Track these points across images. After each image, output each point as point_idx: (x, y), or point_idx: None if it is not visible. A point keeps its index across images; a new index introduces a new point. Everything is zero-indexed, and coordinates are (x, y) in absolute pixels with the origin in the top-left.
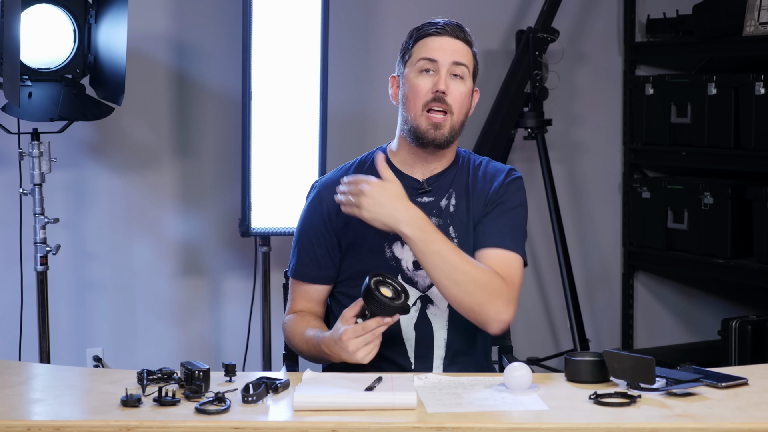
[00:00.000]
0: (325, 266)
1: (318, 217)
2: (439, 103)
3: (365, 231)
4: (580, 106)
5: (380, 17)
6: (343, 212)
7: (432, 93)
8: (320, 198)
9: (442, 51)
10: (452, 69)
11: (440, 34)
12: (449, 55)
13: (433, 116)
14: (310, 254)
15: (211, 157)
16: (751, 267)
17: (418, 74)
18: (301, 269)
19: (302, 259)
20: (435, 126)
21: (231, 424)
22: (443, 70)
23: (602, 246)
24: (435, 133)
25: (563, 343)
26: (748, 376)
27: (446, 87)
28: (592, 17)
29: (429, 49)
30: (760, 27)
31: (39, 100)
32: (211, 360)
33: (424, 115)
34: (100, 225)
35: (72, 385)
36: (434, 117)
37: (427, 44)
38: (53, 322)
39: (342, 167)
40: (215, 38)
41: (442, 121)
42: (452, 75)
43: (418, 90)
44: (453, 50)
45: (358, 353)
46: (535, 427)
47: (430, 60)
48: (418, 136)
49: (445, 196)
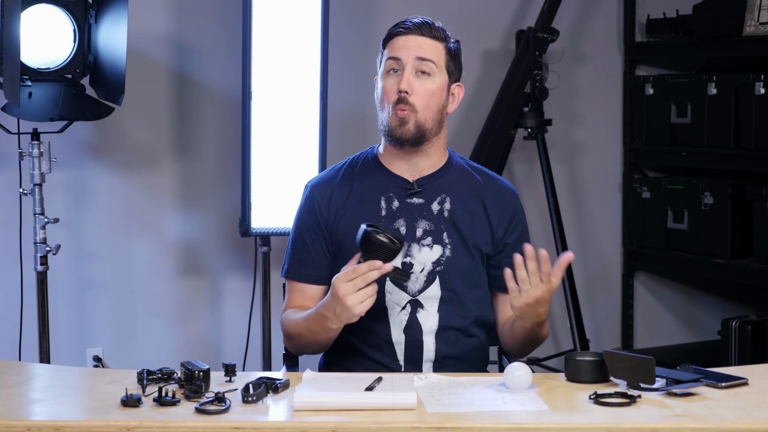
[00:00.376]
0: (321, 266)
1: (311, 217)
2: (402, 104)
3: (354, 230)
4: (580, 106)
5: (380, 17)
6: (334, 212)
7: (396, 93)
8: (312, 197)
9: (405, 49)
10: (417, 66)
11: (405, 33)
12: (412, 51)
13: (398, 112)
14: (305, 254)
15: (211, 157)
16: (751, 267)
17: (386, 75)
18: (297, 270)
19: (298, 259)
20: (401, 122)
21: (231, 424)
22: (407, 68)
23: (602, 246)
24: (401, 129)
25: (563, 343)
26: (748, 376)
27: (409, 85)
28: (592, 17)
29: (394, 48)
30: (760, 27)
31: (39, 100)
32: (211, 360)
33: (392, 114)
34: (100, 225)
35: (72, 385)
36: (399, 112)
37: (393, 44)
38: (53, 322)
39: (333, 167)
40: (215, 38)
41: (406, 115)
42: (419, 72)
43: (385, 90)
44: (417, 47)
45: (348, 298)
46: (535, 427)
47: (394, 59)
48: (389, 133)
49: (437, 199)
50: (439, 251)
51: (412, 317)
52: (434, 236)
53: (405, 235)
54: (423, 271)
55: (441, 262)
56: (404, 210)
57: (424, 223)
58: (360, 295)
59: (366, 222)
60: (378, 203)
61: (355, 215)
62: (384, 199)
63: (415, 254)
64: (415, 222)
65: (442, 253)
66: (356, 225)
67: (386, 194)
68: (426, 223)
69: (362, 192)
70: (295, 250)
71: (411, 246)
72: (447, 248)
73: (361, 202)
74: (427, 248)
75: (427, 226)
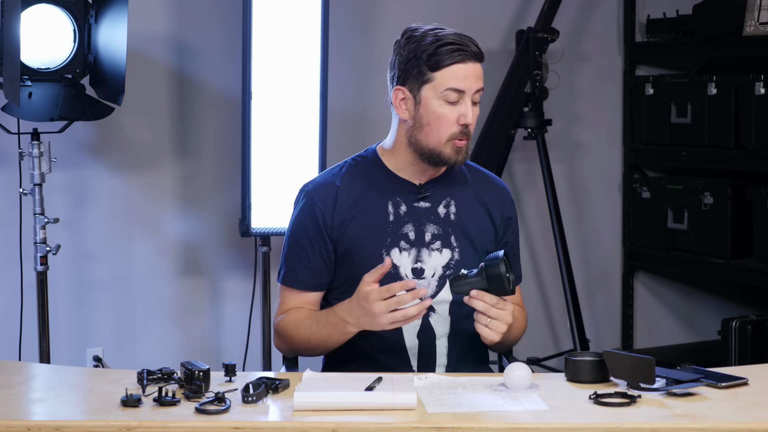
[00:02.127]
0: (320, 273)
1: (311, 223)
2: (464, 135)
3: (362, 236)
4: (580, 106)
5: (380, 17)
6: (340, 218)
7: (458, 125)
8: (313, 202)
9: (469, 80)
10: (475, 97)
11: (465, 60)
12: (474, 83)
13: (457, 143)
14: (304, 261)
15: (211, 157)
16: (751, 267)
17: (442, 103)
18: (295, 276)
19: (295, 266)
20: (458, 152)
21: (231, 424)
22: (468, 100)
23: (602, 246)
24: (458, 157)
25: (563, 343)
26: (748, 376)
27: (474, 119)
28: (592, 17)
29: (456, 78)
30: (760, 27)
31: (39, 100)
32: (211, 360)
33: (449, 144)
34: (100, 225)
35: (72, 385)
36: (458, 144)
37: (454, 72)
38: (53, 322)
39: (331, 170)
40: (215, 38)
41: (463, 146)
42: (472, 101)
43: (444, 120)
44: (476, 76)
45: (382, 317)
46: (535, 427)
47: (458, 91)
48: (440, 161)
49: (442, 203)
50: (448, 255)
51: (425, 322)
52: (443, 240)
53: (414, 241)
54: (434, 276)
55: (450, 266)
56: (412, 214)
57: (432, 227)
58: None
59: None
60: (386, 208)
61: (363, 221)
62: (391, 203)
63: (425, 259)
64: (424, 226)
65: (451, 256)
66: (364, 231)
67: (393, 199)
68: (434, 227)
69: (369, 196)
70: (293, 255)
71: (421, 251)
72: (455, 251)
73: (367, 207)
74: (436, 252)
75: (435, 230)
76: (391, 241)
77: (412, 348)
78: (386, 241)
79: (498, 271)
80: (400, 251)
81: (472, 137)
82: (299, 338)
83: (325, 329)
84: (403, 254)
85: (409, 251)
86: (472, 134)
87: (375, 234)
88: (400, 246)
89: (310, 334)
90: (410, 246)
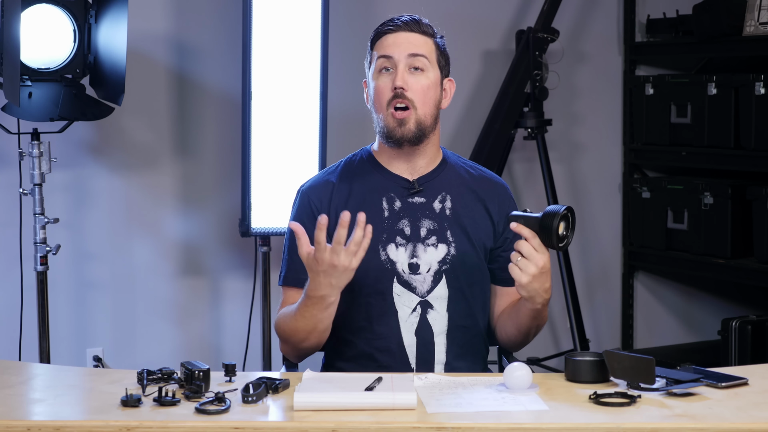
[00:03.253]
0: None
1: (309, 220)
2: (400, 99)
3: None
4: (580, 106)
5: (380, 17)
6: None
7: (392, 91)
8: (309, 200)
9: (396, 46)
10: (410, 62)
11: (394, 31)
12: (404, 48)
13: (396, 113)
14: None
15: (211, 157)
16: (751, 267)
17: (378, 74)
18: (296, 276)
19: (296, 265)
20: (400, 123)
21: (231, 424)
22: (400, 65)
23: (602, 246)
24: (402, 129)
25: (563, 343)
26: (748, 376)
27: (404, 82)
28: (592, 17)
29: (384, 47)
30: (760, 27)
31: (39, 100)
32: (211, 360)
33: (389, 114)
34: (100, 225)
35: (72, 385)
36: (398, 114)
37: (382, 42)
38: (53, 322)
39: (326, 170)
40: (215, 38)
41: (405, 116)
42: (412, 68)
43: (379, 90)
44: (408, 43)
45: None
46: (535, 427)
47: (386, 57)
48: (388, 135)
49: (437, 198)
50: (444, 250)
51: (423, 319)
52: (438, 235)
53: (410, 236)
54: (429, 272)
55: (447, 261)
56: (407, 210)
57: (427, 222)
58: (349, 249)
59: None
60: (380, 204)
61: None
62: (385, 199)
63: (420, 254)
64: (419, 222)
65: (447, 251)
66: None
67: (387, 195)
68: (429, 222)
69: (363, 193)
70: (293, 255)
71: (416, 246)
72: (451, 246)
73: (362, 203)
74: (432, 248)
75: (430, 225)
76: (387, 237)
77: (410, 345)
78: (382, 237)
79: (549, 223)
80: (396, 247)
81: (473, 138)
82: (290, 331)
83: (307, 312)
84: (399, 250)
85: (405, 246)
86: (420, 106)
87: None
88: (396, 241)
89: (296, 322)
90: (406, 241)
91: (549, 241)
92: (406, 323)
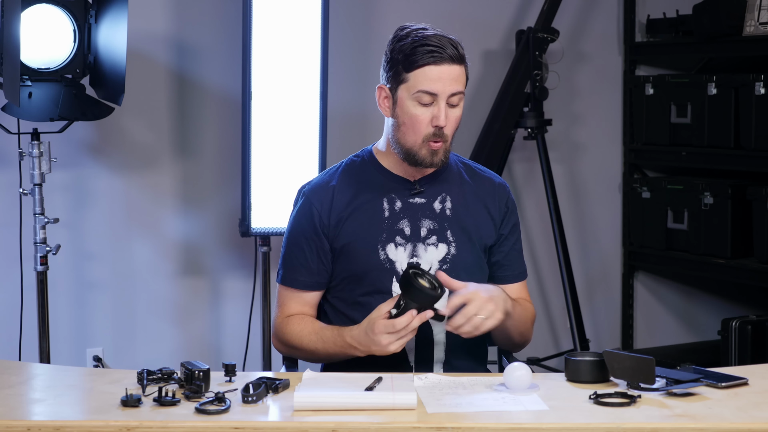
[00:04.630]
0: (318, 272)
1: (308, 223)
2: (438, 137)
3: (358, 233)
4: (580, 106)
5: (380, 17)
6: (336, 216)
7: (432, 126)
8: (310, 203)
9: (442, 83)
10: (450, 100)
11: (438, 62)
12: (449, 86)
13: (432, 145)
14: (302, 261)
15: (211, 157)
16: (751, 267)
17: (416, 104)
18: (293, 276)
19: (293, 266)
20: (433, 154)
21: (231, 424)
22: (442, 102)
23: (602, 246)
24: (433, 159)
25: (563, 343)
26: (748, 376)
27: (446, 121)
28: (592, 17)
29: (428, 81)
30: (760, 27)
31: (39, 100)
32: (211, 360)
33: (425, 145)
34: (100, 225)
35: (72, 385)
36: (434, 146)
37: (426, 74)
38: (53, 322)
39: (328, 171)
40: (215, 38)
41: (439, 148)
42: (449, 104)
43: (417, 122)
44: (452, 79)
45: (390, 346)
46: (535, 427)
47: (429, 93)
48: (417, 161)
49: (438, 198)
50: (444, 250)
51: None
52: (438, 235)
53: (410, 236)
54: (430, 270)
55: (447, 261)
56: (407, 210)
57: (427, 222)
58: (401, 341)
59: (408, 263)
60: (381, 204)
61: (359, 218)
62: (386, 200)
63: (420, 254)
64: (419, 222)
65: (447, 251)
66: (360, 228)
67: (388, 195)
68: (430, 222)
69: (364, 194)
70: (291, 256)
71: (417, 246)
72: (452, 246)
73: (363, 204)
74: (432, 247)
75: (431, 225)
76: (386, 237)
77: (410, 343)
78: (382, 237)
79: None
80: (396, 246)
81: (473, 138)
82: (303, 350)
83: (331, 349)
84: (399, 250)
85: (405, 246)
86: (450, 137)
87: (371, 230)
88: (395, 241)
89: (314, 349)
90: (406, 241)
91: (428, 295)
92: None
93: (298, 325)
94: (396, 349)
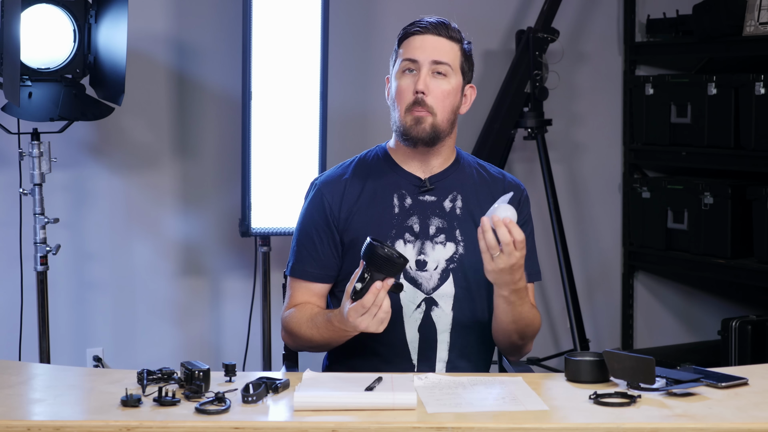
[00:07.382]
0: (328, 265)
1: (320, 215)
2: (419, 105)
3: (367, 228)
4: (580, 106)
5: (380, 17)
6: (347, 210)
7: (413, 94)
8: (321, 195)
9: (422, 50)
10: (433, 68)
11: (422, 33)
12: (429, 53)
13: (414, 112)
14: (312, 252)
15: (211, 157)
16: (751, 267)
17: (401, 74)
18: (303, 267)
19: (304, 257)
20: (416, 121)
21: (231, 424)
22: (423, 69)
23: (602, 246)
24: (417, 128)
25: (563, 343)
26: (748, 376)
27: (425, 86)
28: (592, 17)
29: (410, 49)
30: (760, 27)
31: (39, 100)
32: (211, 360)
33: (408, 115)
34: (100, 225)
35: (72, 385)
36: (415, 113)
37: (409, 44)
38: (53, 322)
39: (342, 165)
40: (215, 38)
41: (423, 115)
42: (434, 73)
43: (400, 89)
44: (434, 48)
45: (370, 327)
46: (535, 427)
47: (411, 60)
48: (404, 133)
49: (448, 197)
50: (452, 249)
51: (427, 316)
52: (447, 234)
53: (419, 233)
54: (437, 269)
55: (454, 260)
56: (417, 207)
57: (437, 220)
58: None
59: (372, 234)
60: (391, 200)
61: (369, 213)
62: (397, 196)
63: (428, 252)
64: (428, 219)
65: (455, 250)
66: (370, 223)
67: (399, 192)
68: (439, 221)
69: (375, 189)
70: (302, 247)
71: (425, 243)
72: (460, 245)
73: (373, 199)
74: (440, 246)
75: (440, 224)
76: (395, 233)
77: (413, 341)
78: (391, 233)
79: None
80: (405, 243)
81: (473, 138)
82: (302, 338)
83: (326, 334)
84: (407, 246)
85: (413, 243)
86: (438, 110)
87: (380, 225)
88: (404, 238)
89: (311, 336)
90: (415, 238)
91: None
92: (410, 319)
93: (298, 314)
94: (377, 328)
